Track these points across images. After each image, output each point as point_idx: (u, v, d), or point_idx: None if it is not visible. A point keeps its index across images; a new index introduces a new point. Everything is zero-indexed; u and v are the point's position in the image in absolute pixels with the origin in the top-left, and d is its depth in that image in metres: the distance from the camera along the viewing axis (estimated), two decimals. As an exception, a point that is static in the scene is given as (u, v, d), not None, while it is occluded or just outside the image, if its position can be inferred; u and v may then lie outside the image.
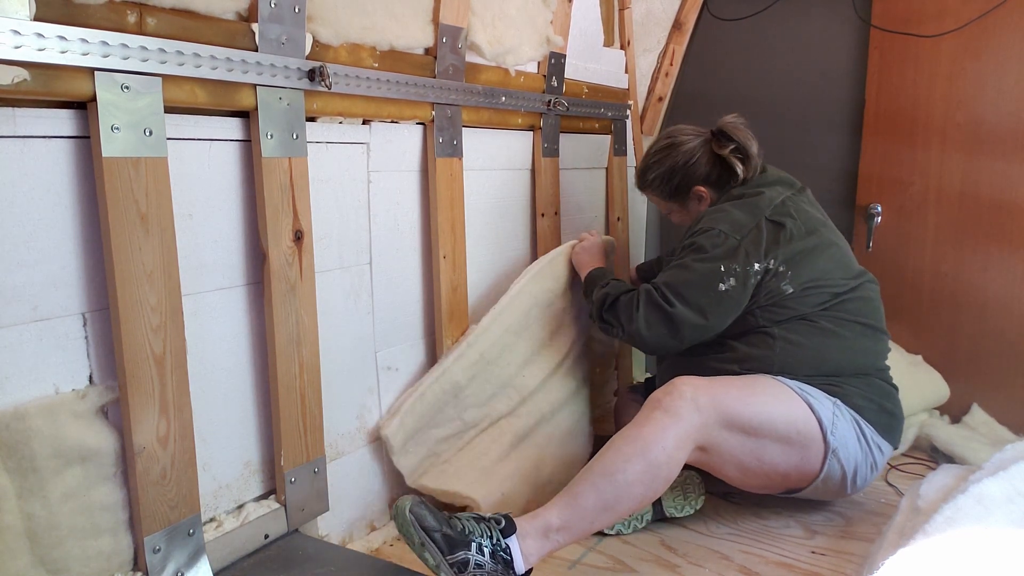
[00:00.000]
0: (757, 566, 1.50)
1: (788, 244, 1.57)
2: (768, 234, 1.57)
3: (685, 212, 1.81)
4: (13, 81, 0.97)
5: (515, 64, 1.90)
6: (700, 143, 1.74)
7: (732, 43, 2.57)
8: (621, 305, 1.66)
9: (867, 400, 1.56)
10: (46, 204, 1.07)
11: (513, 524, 1.31)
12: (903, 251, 2.28)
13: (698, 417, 1.41)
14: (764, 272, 1.56)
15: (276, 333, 1.36)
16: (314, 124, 1.45)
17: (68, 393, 1.11)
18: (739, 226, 1.59)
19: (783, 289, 1.57)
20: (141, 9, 1.11)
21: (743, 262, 1.56)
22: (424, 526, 1.25)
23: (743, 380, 1.53)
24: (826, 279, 1.59)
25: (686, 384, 1.44)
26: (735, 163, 1.69)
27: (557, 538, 1.33)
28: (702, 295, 1.57)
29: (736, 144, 1.69)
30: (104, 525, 1.14)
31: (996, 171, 2.10)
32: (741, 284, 1.56)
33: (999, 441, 1.99)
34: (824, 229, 1.65)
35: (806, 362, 1.56)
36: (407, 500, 1.29)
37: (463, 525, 1.28)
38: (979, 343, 2.17)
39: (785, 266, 1.57)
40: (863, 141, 2.32)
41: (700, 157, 1.73)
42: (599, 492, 1.35)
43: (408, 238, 1.72)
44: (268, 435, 1.42)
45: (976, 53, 2.10)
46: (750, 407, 1.46)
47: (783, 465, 1.51)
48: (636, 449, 1.37)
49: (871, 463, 1.57)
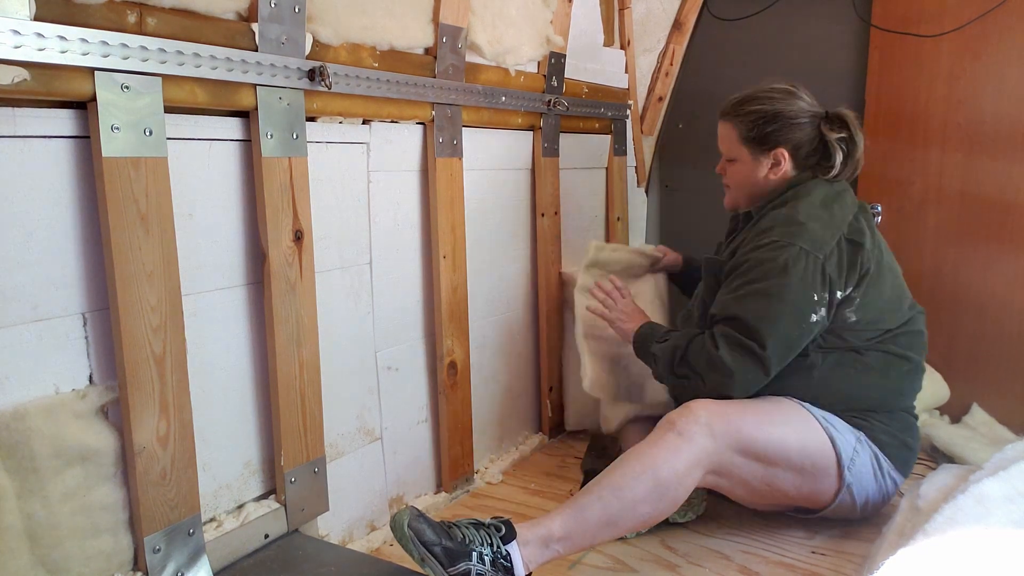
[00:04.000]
0: (757, 566, 1.50)
1: (862, 268, 1.46)
2: (848, 258, 1.45)
3: (747, 169, 1.59)
4: (13, 81, 0.97)
5: (515, 64, 1.90)
6: (814, 114, 1.56)
7: (732, 43, 2.56)
8: (693, 353, 1.49)
9: (891, 436, 1.53)
10: (46, 204, 1.07)
11: (513, 530, 1.29)
12: (903, 251, 2.26)
13: (711, 443, 1.37)
14: (843, 300, 1.46)
15: (276, 333, 1.36)
16: (314, 124, 1.45)
17: (68, 393, 1.10)
18: (820, 244, 1.44)
19: (847, 316, 1.47)
20: (141, 9, 1.11)
21: (830, 289, 1.43)
22: (423, 541, 1.22)
23: (763, 404, 1.47)
24: (886, 310, 1.50)
25: (702, 408, 1.39)
26: (836, 152, 1.53)
27: (557, 548, 1.32)
28: (794, 327, 1.42)
29: (849, 134, 1.55)
30: (104, 525, 1.14)
31: (996, 171, 2.10)
32: (827, 313, 1.44)
33: (999, 441, 1.98)
34: (884, 245, 1.57)
35: (841, 398, 1.50)
36: (404, 515, 1.25)
37: (462, 534, 1.26)
38: (979, 343, 2.17)
39: (855, 291, 1.46)
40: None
41: (807, 124, 1.55)
42: (605, 506, 1.33)
43: (408, 238, 1.72)
44: (268, 435, 1.42)
45: (976, 53, 2.09)
46: (766, 434, 1.41)
47: (793, 492, 1.50)
48: (645, 467, 1.34)
49: (884, 494, 1.55)
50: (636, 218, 2.72)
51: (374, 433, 1.66)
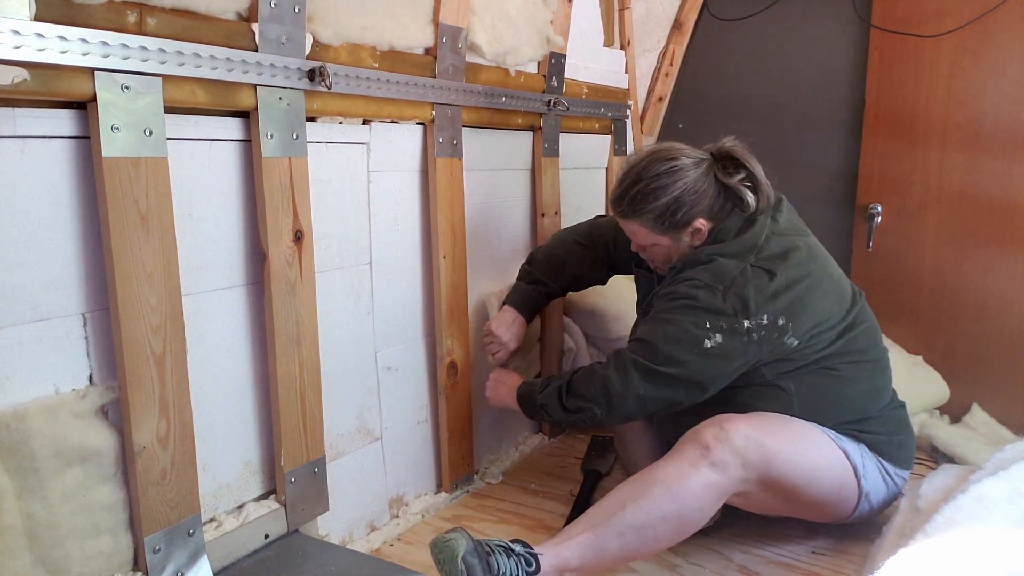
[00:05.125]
0: (757, 566, 1.50)
1: (782, 294, 1.41)
2: (755, 286, 1.40)
3: (670, 247, 1.55)
4: (13, 81, 0.97)
5: (515, 64, 1.90)
6: (705, 169, 1.49)
7: (732, 43, 2.57)
8: (581, 381, 1.51)
9: (888, 443, 1.52)
10: (46, 204, 1.07)
11: (540, 566, 1.26)
12: (903, 251, 2.28)
13: (743, 473, 1.34)
14: (759, 329, 1.39)
15: (276, 333, 1.36)
16: (314, 124, 1.45)
17: (68, 393, 1.10)
18: (720, 276, 1.42)
19: (787, 343, 1.42)
20: (141, 9, 1.11)
21: (729, 318, 1.39)
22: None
23: (792, 428, 1.43)
24: (828, 320, 1.46)
25: (738, 434, 1.33)
26: (744, 193, 1.47)
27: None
28: (687, 352, 1.40)
29: (747, 172, 1.48)
30: (104, 525, 1.14)
31: (996, 171, 2.10)
32: (729, 340, 1.40)
33: (999, 441, 1.99)
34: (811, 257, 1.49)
35: (827, 413, 1.48)
36: (460, 545, 1.20)
37: (497, 564, 1.22)
38: (979, 343, 2.17)
39: (784, 318, 1.40)
40: (863, 141, 2.32)
41: (707, 187, 1.48)
42: (625, 544, 1.31)
43: (408, 238, 1.72)
44: (268, 435, 1.42)
45: (976, 53, 2.10)
46: (798, 467, 1.39)
47: (812, 515, 1.52)
48: (675, 509, 1.31)
49: (895, 493, 1.56)
50: (636, 218, 2.72)
51: (374, 433, 1.66)
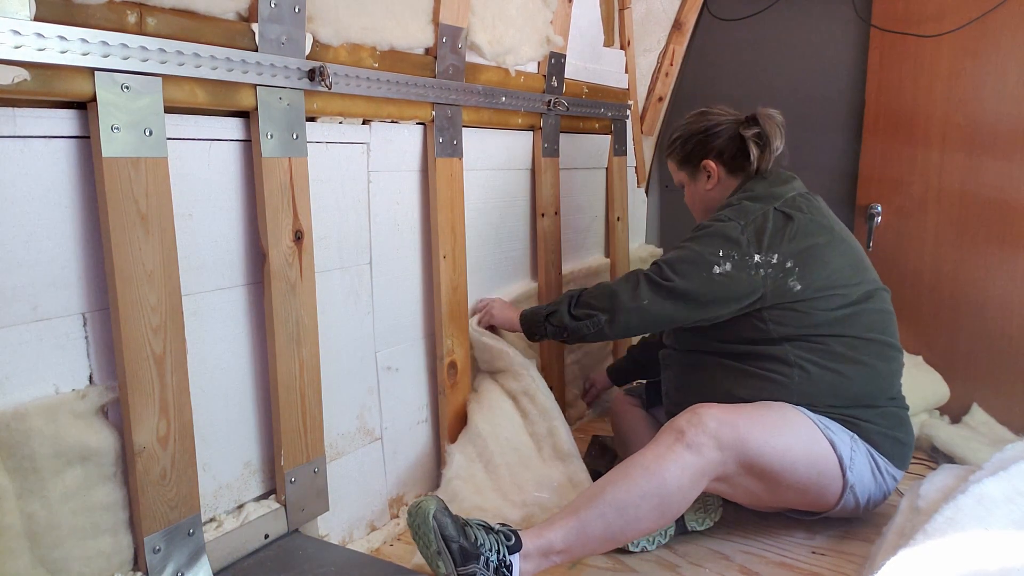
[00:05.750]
0: (757, 566, 1.50)
1: (796, 239, 1.49)
2: (773, 225, 1.51)
3: (692, 188, 1.74)
4: (13, 81, 0.97)
5: (515, 64, 1.90)
6: (730, 121, 1.67)
7: (732, 43, 2.57)
8: (593, 292, 1.61)
9: (883, 435, 1.53)
10: (46, 204, 1.07)
11: (520, 543, 1.31)
12: (903, 251, 2.28)
13: (719, 455, 1.37)
14: (767, 265, 1.48)
15: (276, 333, 1.36)
16: (314, 124, 1.45)
17: (68, 393, 1.10)
18: (744, 213, 1.54)
19: (791, 286, 1.48)
20: (141, 9, 1.11)
21: (742, 250, 1.49)
22: (444, 535, 1.25)
23: (768, 414, 1.46)
24: (839, 281, 1.51)
25: (711, 417, 1.38)
26: (750, 147, 1.61)
27: (555, 559, 1.35)
28: (696, 273, 1.50)
29: (760, 131, 1.61)
30: (104, 525, 1.14)
31: (996, 171, 2.10)
32: (737, 271, 1.49)
33: (999, 441, 1.99)
34: (838, 227, 1.60)
35: (825, 392, 1.50)
36: (431, 504, 1.27)
37: (475, 535, 1.28)
38: (979, 343, 2.17)
39: (793, 262, 1.48)
40: (863, 141, 2.32)
41: (723, 131, 1.66)
42: (607, 524, 1.34)
43: (408, 238, 1.72)
44: (268, 435, 1.42)
45: (976, 53, 2.10)
46: (774, 449, 1.41)
47: (798, 500, 1.51)
48: (653, 487, 1.34)
49: (884, 491, 1.56)
50: (636, 218, 2.73)
51: (374, 433, 1.66)
